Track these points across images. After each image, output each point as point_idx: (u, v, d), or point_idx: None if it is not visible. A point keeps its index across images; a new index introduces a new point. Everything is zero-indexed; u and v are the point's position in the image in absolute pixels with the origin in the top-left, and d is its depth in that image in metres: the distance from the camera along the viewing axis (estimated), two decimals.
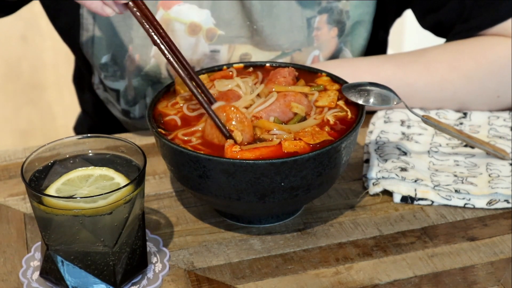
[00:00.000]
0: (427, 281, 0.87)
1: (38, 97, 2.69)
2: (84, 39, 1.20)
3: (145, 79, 1.21)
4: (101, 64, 1.21)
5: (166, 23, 1.16)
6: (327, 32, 1.20)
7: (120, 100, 1.25)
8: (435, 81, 1.13)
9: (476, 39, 1.16)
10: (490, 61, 1.13)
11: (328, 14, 1.18)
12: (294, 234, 0.95)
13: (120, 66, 1.20)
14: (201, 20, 1.17)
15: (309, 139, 0.89)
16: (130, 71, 1.20)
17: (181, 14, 1.16)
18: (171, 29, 1.17)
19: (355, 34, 1.23)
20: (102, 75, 1.22)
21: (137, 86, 1.22)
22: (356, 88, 0.97)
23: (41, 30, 2.59)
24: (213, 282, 0.88)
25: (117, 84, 1.23)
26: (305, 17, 1.18)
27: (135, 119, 1.27)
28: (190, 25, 1.16)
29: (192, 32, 1.17)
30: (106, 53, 1.19)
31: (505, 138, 1.10)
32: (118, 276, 0.84)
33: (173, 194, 1.02)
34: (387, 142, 1.08)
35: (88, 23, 1.18)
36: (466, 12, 1.15)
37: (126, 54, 1.18)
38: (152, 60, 1.19)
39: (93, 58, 1.21)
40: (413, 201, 0.99)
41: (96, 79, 1.26)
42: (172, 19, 1.16)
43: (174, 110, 0.97)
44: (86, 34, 1.19)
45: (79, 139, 0.89)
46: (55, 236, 0.82)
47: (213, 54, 1.19)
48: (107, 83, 1.23)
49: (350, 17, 1.20)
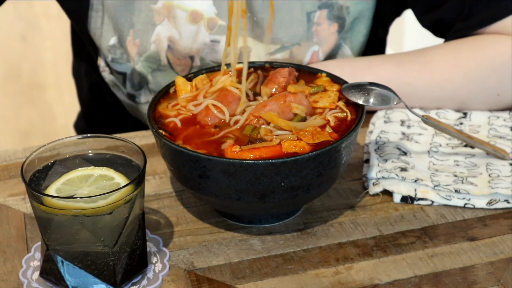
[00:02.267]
0: (427, 281, 0.87)
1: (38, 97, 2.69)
2: (93, 20, 1.20)
3: (146, 65, 1.22)
4: (109, 46, 1.21)
5: (168, 9, 1.17)
6: (327, 27, 1.20)
7: (126, 84, 1.25)
8: (434, 80, 1.13)
9: (475, 37, 1.16)
10: (490, 60, 1.13)
11: (328, 9, 1.19)
12: (294, 234, 0.95)
13: (125, 49, 1.21)
14: (203, 8, 1.17)
15: (309, 139, 0.89)
16: (132, 55, 1.21)
17: (184, 2, 1.17)
18: (173, 16, 1.17)
19: (355, 31, 1.23)
20: (109, 58, 1.23)
21: (140, 71, 1.22)
22: (356, 88, 0.97)
23: (41, 30, 2.59)
24: (213, 282, 0.88)
25: (124, 66, 1.23)
26: (305, 11, 1.18)
27: (140, 104, 1.27)
28: (192, 13, 1.17)
29: (193, 20, 1.17)
30: (114, 35, 1.20)
31: (505, 138, 1.10)
32: (118, 276, 0.84)
33: (173, 194, 1.02)
34: (387, 142, 1.08)
35: (97, 4, 1.18)
36: (466, 10, 1.15)
37: (127, 38, 1.19)
38: (152, 46, 1.19)
39: (101, 39, 1.21)
40: (413, 201, 0.99)
41: (102, 62, 1.26)
42: (175, 5, 1.17)
43: (174, 111, 0.97)
44: (96, 14, 1.19)
45: (79, 139, 0.89)
46: (55, 236, 0.82)
47: (213, 44, 1.19)
48: (114, 66, 1.23)
49: (350, 13, 1.20)
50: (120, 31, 1.19)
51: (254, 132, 0.92)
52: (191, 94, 0.99)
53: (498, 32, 1.15)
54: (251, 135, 0.91)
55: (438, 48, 1.16)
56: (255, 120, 0.93)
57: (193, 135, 0.93)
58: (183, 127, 0.94)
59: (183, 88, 1.00)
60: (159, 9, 1.17)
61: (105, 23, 1.19)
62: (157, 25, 1.18)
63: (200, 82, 1.01)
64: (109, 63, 1.24)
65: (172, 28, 1.18)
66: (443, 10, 1.18)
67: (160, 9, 1.17)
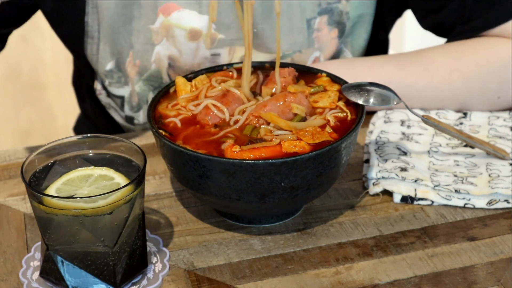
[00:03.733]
0: (427, 281, 0.87)
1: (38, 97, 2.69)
2: (89, 47, 1.19)
3: (147, 84, 1.21)
4: (106, 71, 1.20)
5: (166, 29, 1.16)
6: (328, 33, 1.20)
7: (125, 107, 1.24)
8: (435, 82, 1.13)
9: (477, 39, 1.16)
10: (491, 63, 1.13)
11: (328, 15, 1.18)
12: (294, 234, 0.95)
13: (124, 72, 1.20)
14: (202, 25, 1.16)
15: (309, 139, 0.89)
16: (132, 76, 1.20)
17: (181, 20, 1.16)
18: (172, 35, 1.16)
19: (355, 35, 1.22)
20: (106, 82, 1.22)
21: (139, 92, 1.22)
22: (356, 88, 0.97)
23: (41, 30, 2.59)
24: (213, 282, 0.88)
25: (121, 90, 1.22)
26: (305, 18, 1.18)
27: (139, 125, 1.27)
28: (191, 31, 1.16)
29: (192, 37, 1.16)
30: (110, 60, 1.19)
31: (505, 138, 1.10)
32: (118, 276, 0.84)
33: (173, 194, 1.02)
34: (387, 142, 1.08)
35: (93, 31, 1.17)
36: (467, 14, 1.15)
37: (127, 60, 1.18)
38: (153, 66, 1.19)
39: (98, 65, 1.20)
40: (413, 201, 0.99)
41: (98, 85, 1.26)
42: (173, 25, 1.16)
43: (174, 111, 0.97)
44: (91, 41, 1.18)
45: (79, 139, 0.89)
46: (55, 236, 0.82)
47: (214, 57, 1.19)
48: (112, 90, 1.23)
49: (350, 18, 1.20)
50: (119, 53, 1.18)
51: (254, 132, 0.92)
52: (191, 94, 0.99)
53: (499, 35, 1.15)
54: (251, 135, 0.91)
55: (439, 49, 1.16)
56: (255, 120, 0.93)
57: (193, 135, 0.93)
58: (183, 127, 0.94)
59: (183, 88, 1.00)
60: (157, 29, 1.16)
61: (101, 49, 1.18)
62: (156, 45, 1.17)
63: (200, 82, 1.02)
64: (106, 87, 1.23)
65: (171, 47, 1.17)
66: (443, 13, 1.18)
67: (158, 29, 1.16)
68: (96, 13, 1.15)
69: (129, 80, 1.20)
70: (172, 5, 1.15)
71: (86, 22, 1.17)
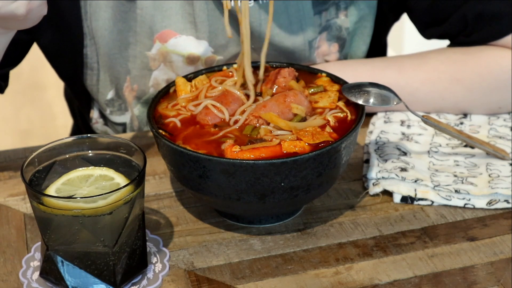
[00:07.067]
0: (427, 281, 0.87)
1: (38, 97, 2.69)
2: (89, 78, 1.18)
3: (145, 106, 1.20)
4: (107, 100, 1.19)
5: (163, 56, 1.15)
6: (328, 48, 1.19)
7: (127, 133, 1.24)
8: (437, 91, 1.13)
9: (480, 49, 1.15)
10: (494, 75, 1.13)
11: (327, 31, 1.18)
12: (294, 234, 0.95)
13: (123, 98, 1.19)
14: (200, 51, 1.15)
15: (309, 139, 0.89)
16: (130, 100, 1.19)
17: (178, 47, 1.15)
18: (169, 60, 1.15)
19: (354, 47, 1.22)
20: (107, 111, 1.21)
21: (139, 115, 1.21)
22: (356, 88, 0.97)
23: None
24: (213, 282, 0.88)
25: (123, 117, 1.22)
26: (307, 40, 1.17)
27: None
28: (189, 56, 1.15)
29: (190, 62, 1.15)
30: (110, 89, 1.18)
31: (505, 138, 1.10)
32: (118, 276, 0.84)
33: (173, 194, 1.02)
34: (387, 142, 1.08)
35: (92, 62, 1.16)
36: (469, 27, 1.15)
37: (124, 85, 1.18)
38: (151, 90, 1.18)
39: (98, 95, 1.19)
40: (413, 201, 0.99)
41: (95, 114, 1.25)
42: (170, 51, 1.15)
43: (174, 111, 0.97)
44: (91, 72, 1.17)
45: (79, 139, 0.89)
46: (55, 236, 0.82)
47: None
48: (113, 118, 1.22)
49: (350, 33, 1.19)
50: (117, 79, 1.17)
51: (254, 132, 0.92)
52: (191, 94, 0.99)
53: (502, 45, 1.15)
54: (251, 135, 0.91)
55: (442, 56, 1.15)
56: (255, 120, 0.93)
57: (193, 135, 0.93)
58: (183, 127, 0.94)
59: (183, 88, 1.00)
60: (154, 56, 1.15)
61: (101, 79, 1.17)
62: (153, 71, 1.17)
63: (200, 82, 1.02)
64: (107, 116, 1.22)
65: (169, 71, 1.16)
66: (445, 27, 1.17)
67: (155, 56, 1.15)
68: (94, 44, 1.14)
69: (128, 104, 1.20)
70: (169, 32, 1.14)
71: (85, 54, 1.16)
